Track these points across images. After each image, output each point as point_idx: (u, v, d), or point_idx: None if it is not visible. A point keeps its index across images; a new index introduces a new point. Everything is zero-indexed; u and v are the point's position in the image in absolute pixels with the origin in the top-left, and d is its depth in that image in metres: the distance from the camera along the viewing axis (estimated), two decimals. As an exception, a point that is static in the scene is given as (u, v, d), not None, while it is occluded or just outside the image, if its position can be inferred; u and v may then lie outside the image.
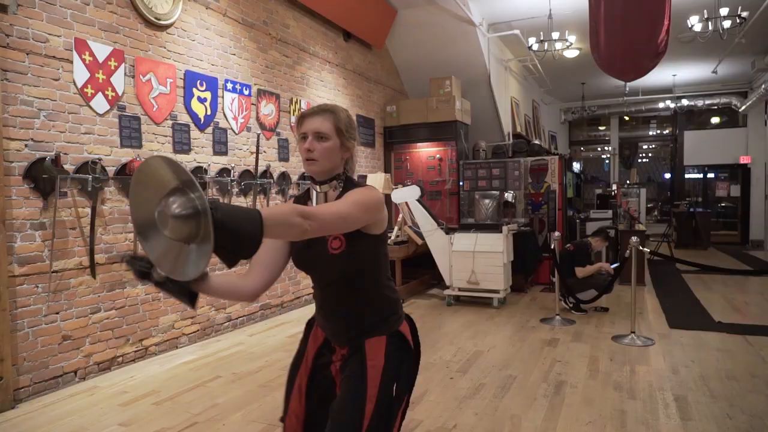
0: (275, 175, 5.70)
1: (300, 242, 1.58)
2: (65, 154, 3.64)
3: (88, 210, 3.79)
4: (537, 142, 8.93)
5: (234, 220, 1.14)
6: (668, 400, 3.29)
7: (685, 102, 13.03)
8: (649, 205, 13.38)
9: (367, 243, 1.60)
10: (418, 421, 3.02)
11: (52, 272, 3.57)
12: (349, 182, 1.68)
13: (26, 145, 3.42)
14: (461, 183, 8.05)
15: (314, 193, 1.68)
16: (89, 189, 3.73)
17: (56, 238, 3.58)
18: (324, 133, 1.60)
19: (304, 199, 1.74)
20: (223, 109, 5.04)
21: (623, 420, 3.00)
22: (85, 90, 3.77)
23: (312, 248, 1.59)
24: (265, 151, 5.58)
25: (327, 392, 1.68)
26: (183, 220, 1.15)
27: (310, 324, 1.81)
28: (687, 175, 14.03)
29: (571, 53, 8.82)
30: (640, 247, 4.83)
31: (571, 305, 5.71)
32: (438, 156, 8.36)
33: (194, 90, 4.70)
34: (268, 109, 5.65)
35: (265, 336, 4.97)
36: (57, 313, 3.61)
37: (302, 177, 6.13)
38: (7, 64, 3.30)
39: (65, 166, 3.62)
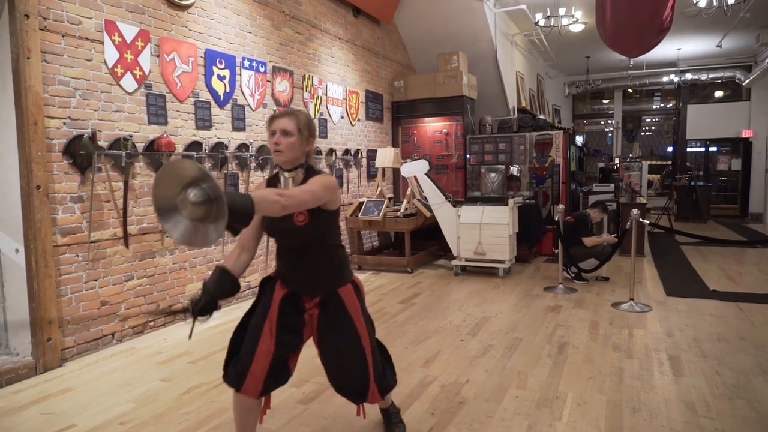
0: (290, 150, 5.91)
1: (272, 217, 2.03)
2: (99, 131, 3.86)
3: (121, 184, 4.02)
4: (542, 116, 9.08)
5: (235, 202, 1.58)
6: (662, 359, 3.58)
7: (689, 76, 13.11)
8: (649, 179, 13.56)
9: (324, 217, 2.09)
10: (433, 377, 3.31)
11: (90, 242, 3.83)
12: (310, 170, 2.15)
13: (64, 123, 3.64)
14: (468, 157, 8.25)
15: (282, 178, 2.15)
16: (122, 164, 3.96)
17: (93, 210, 3.83)
18: (289, 130, 2.06)
19: (274, 181, 2.21)
20: (240, 87, 5.23)
21: (621, 376, 3.29)
22: (116, 70, 3.97)
23: (281, 221, 2.02)
24: (280, 127, 5.77)
25: (295, 334, 2.18)
26: (199, 205, 1.56)
27: (266, 282, 2.25)
28: (689, 149, 14.17)
29: (577, 27, 8.90)
30: (641, 219, 5.06)
31: (573, 275, 5.99)
32: (445, 131, 8.53)
33: (214, 68, 4.88)
34: (282, 85, 5.82)
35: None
36: (95, 281, 3.89)
37: (314, 152, 6.36)
38: (45, 46, 3.49)
39: (99, 143, 3.84)
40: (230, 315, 4.81)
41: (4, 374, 3.32)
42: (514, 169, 7.76)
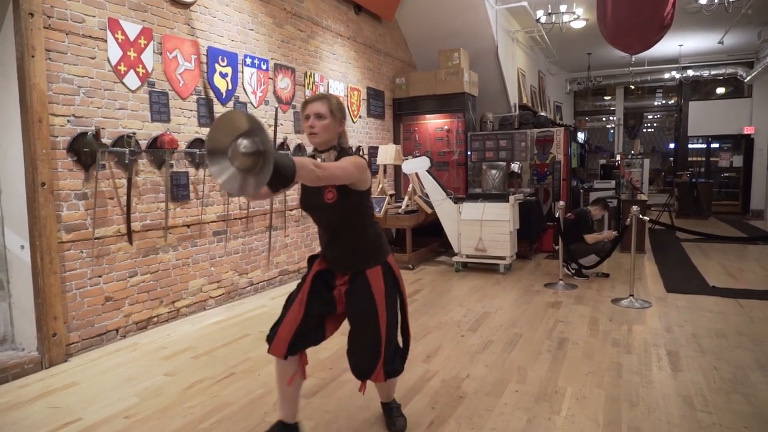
0: (292, 147, 5.95)
1: (305, 191, 2.27)
2: (102, 128, 3.89)
3: (124, 181, 4.06)
4: (543, 113, 9.09)
5: (280, 161, 1.69)
6: (661, 354, 3.61)
7: (690, 72, 13.10)
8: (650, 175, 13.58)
9: (352, 196, 2.20)
10: (434, 372, 3.35)
11: (95, 239, 3.86)
12: (342, 151, 2.30)
13: (68, 121, 3.68)
14: (469, 154, 8.27)
15: (319, 159, 2.27)
16: (126, 162, 3.99)
17: (97, 207, 3.86)
18: (322, 113, 2.22)
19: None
20: (243, 84, 5.25)
21: (619, 371, 3.32)
22: (119, 67, 4.00)
23: (313, 197, 2.24)
24: (282, 124, 5.81)
25: (325, 305, 2.34)
26: (248, 156, 1.65)
27: (312, 259, 2.45)
28: (691, 145, 14.16)
29: (578, 24, 8.91)
30: (640, 216, 5.09)
31: (573, 271, 6.02)
32: (446, 127, 8.55)
33: (216, 65, 4.90)
34: (284, 83, 5.85)
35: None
36: (100, 276, 3.93)
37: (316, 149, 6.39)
38: (49, 44, 3.52)
39: (102, 140, 3.88)
40: (232, 311, 4.87)
41: (10, 369, 3.36)
42: (515, 166, 7.79)
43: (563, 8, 7.97)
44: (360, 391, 2.49)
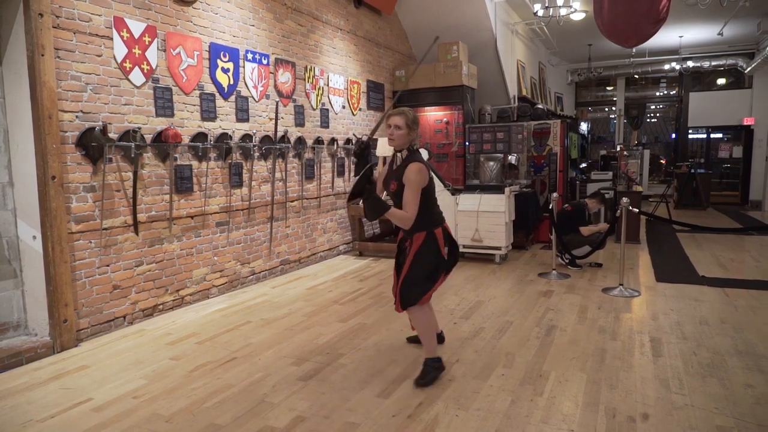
0: (292, 140, 6.09)
1: (385, 181, 3.20)
2: (109, 123, 4.04)
3: (131, 174, 4.22)
4: (541, 105, 9.18)
5: (378, 205, 2.86)
6: (644, 341, 3.77)
7: (691, 63, 13.13)
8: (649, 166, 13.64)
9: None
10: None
11: (103, 230, 4.04)
12: (411, 154, 3.06)
13: (77, 117, 3.83)
14: (467, 145, 8.40)
15: (396, 157, 3.12)
16: (132, 155, 4.15)
17: (105, 199, 4.03)
18: (400, 125, 3.01)
19: (392, 158, 3.16)
20: (244, 79, 5.39)
21: (603, 356, 3.48)
22: (124, 64, 4.15)
23: (386, 186, 3.16)
24: (282, 117, 5.95)
25: (401, 260, 3.23)
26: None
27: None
28: (691, 136, 14.21)
29: (578, 16, 8.97)
30: (630, 208, 5.22)
31: (567, 261, 6.17)
32: (445, 120, 8.66)
33: (218, 61, 5.04)
34: (285, 77, 5.98)
35: (286, 288, 5.47)
36: (107, 266, 4.10)
37: (316, 141, 6.54)
38: (58, 43, 3.67)
39: (109, 135, 4.03)
40: (234, 299, 5.05)
41: (24, 353, 3.55)
42: (512, 158, 7.90)
43: (560, 1, 8.04)
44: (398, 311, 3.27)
